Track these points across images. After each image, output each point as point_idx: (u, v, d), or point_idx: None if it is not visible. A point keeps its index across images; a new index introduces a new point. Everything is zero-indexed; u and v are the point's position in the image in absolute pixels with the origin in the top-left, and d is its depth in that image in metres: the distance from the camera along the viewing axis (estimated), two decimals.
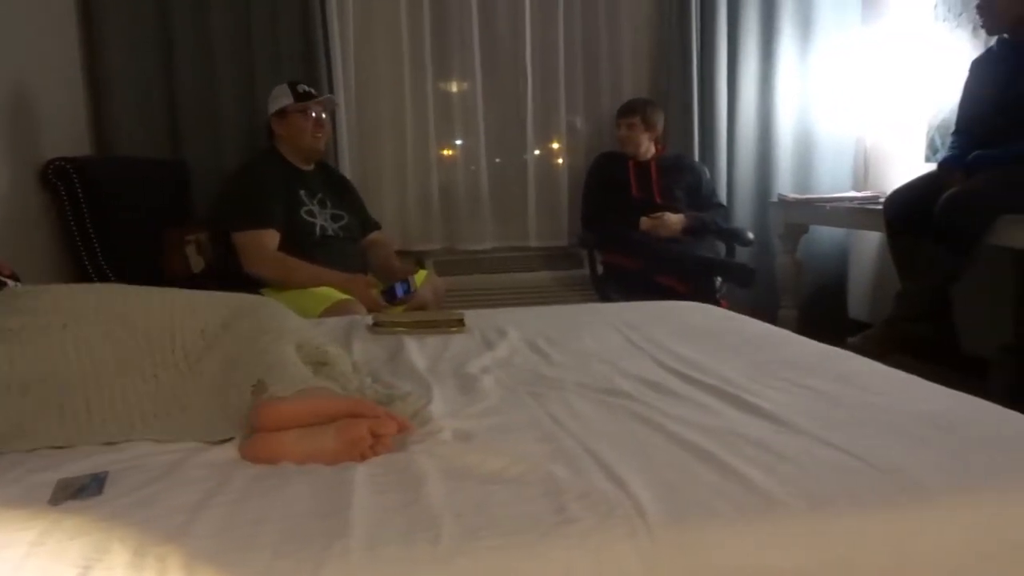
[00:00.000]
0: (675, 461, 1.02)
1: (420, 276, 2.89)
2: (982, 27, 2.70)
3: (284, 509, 0.90)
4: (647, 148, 3.37)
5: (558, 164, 3.71)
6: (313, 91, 2.81)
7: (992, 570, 0.86)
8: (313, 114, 2.75)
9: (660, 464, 1.01)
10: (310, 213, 2.71)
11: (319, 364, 1.35)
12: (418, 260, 3.43)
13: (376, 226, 3.01)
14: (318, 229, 2.70)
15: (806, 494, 0.90)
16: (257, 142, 3.07)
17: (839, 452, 1.02)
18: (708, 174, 3.48)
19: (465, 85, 3.61)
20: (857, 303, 3.77)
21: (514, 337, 1.80)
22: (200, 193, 3.19)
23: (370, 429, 1.04)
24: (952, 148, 2.74)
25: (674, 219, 3.23)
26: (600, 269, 3.36)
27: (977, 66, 2.72)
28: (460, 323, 1.91)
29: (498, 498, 0.92)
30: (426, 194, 3.57)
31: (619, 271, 3.28)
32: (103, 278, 2.61)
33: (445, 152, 3.66)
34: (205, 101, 3.21)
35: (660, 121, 3.39)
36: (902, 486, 0.92)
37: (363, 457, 1.03)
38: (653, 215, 3.24)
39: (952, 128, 2.84)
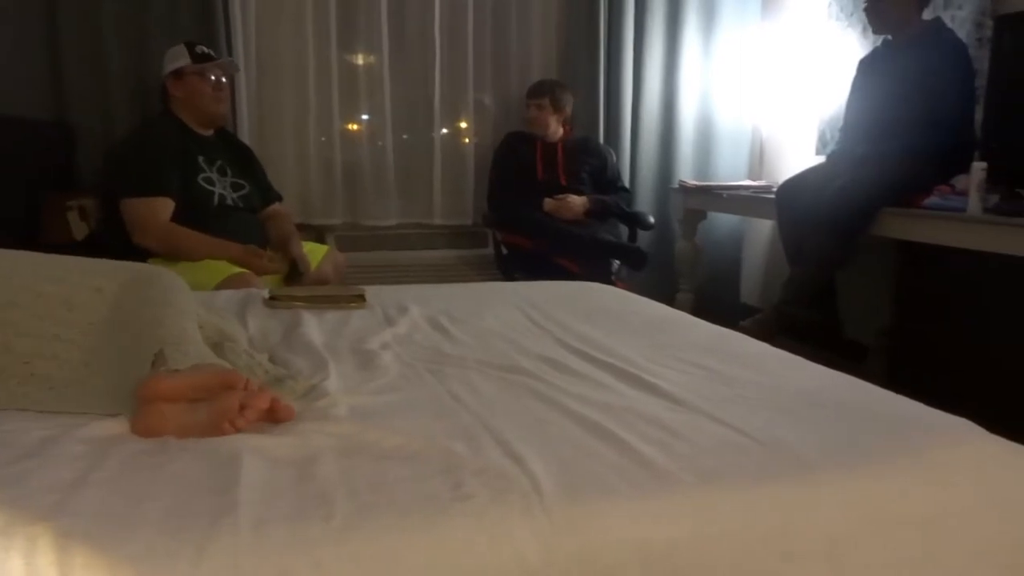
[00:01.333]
0: (572, 438, 1.03)
1: (321, 251, 2.83)
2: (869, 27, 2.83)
3: (168, 486, 0.86)
4: (555, 130, 3.39)
5: (465, 142, 3.69)
6: (212, 53, 2.68)
7: (867, 541, 0.91)
8: (212, 77, 2.63)
9: (557, 441, 1.02)
10: (208, 181, 2.60)
11: (217, 343, 1.30)
12: (319, 235, 3.35)
13: (277, 198, 2.92)
14: (216, 198, 2.59)
15: (697, 469, 0.93)
16: (150, 105, 2.91)
17: (729, 429, 1.06)
18: (614, 158, 3.53)
19: (372, 59, 3.52)
20: (749, 288, 3.92)
21: (415, 314, 1.78)
22: (86, 157, 3.00)
23: (240, 402, 1.01)
24: (840, 142, 2.87)
25: (577, 201, 3.27)
26: (503, 249, 3.37)
27: (863, 65, 2.86)
28: (360, 299, 1.88)
29: (394, 475, 0.90)
30: (329, 168, 3.48)
31: (522, 251, 3.30)
32: None
33: (350, 126, 3.57)
34: (91, 59, 3.02)
35: (569, 104, 3.42)
36: (786, 461, 0.96)
37: (224, 430, 0.99)
38: (557, 196, 3.27)
39: (841, 123, 2.98)
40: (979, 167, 2.24)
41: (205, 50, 2.66)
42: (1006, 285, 2.24)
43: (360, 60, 3.55)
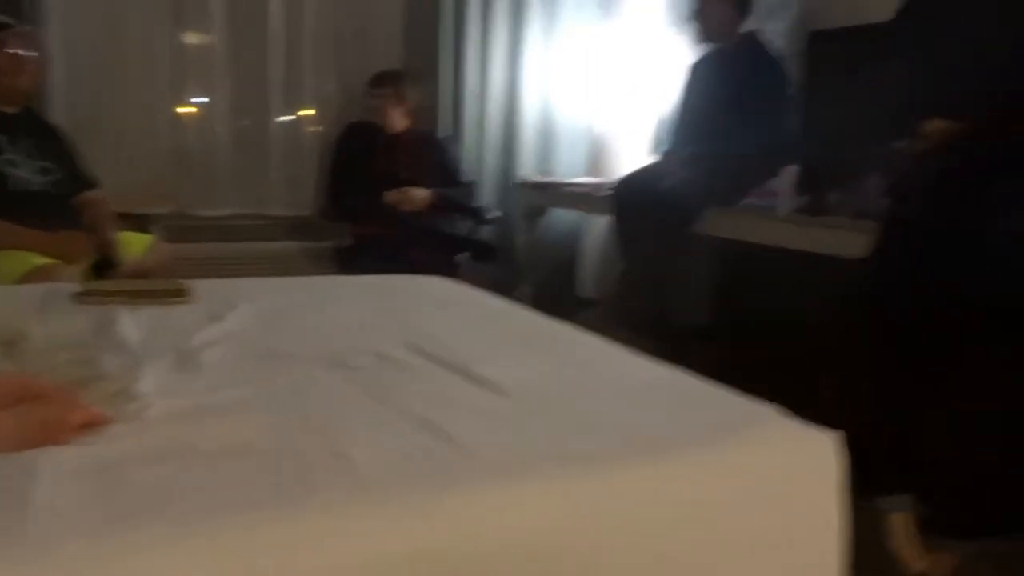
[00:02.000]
0: (402, 433, 1.02)
1: (143, 241, 2.65)
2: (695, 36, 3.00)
3: None
4: (398, 121, 3.35)
5: (306, 131, 3.57)
6: (11, 21, 2.43)
7: (675, 524, 0.96)
8: (10, 50, 2.38)
9: (387, 437, 1.00)
10: (10, 163, 2.37)
11: (9, 343, 1.18)
12: (142, 225, 3.13)
13: (91, 184, 2.69)
14: (18, 183, 2.36)
15: (524, 459, 0.95)
16: None
17: (559, 420, 1.08)
18: (457, 152, 3.54)
19: (207, 39, 3.33)
20: (586, 281, 4.05)
21: (246, 309, 1.70)
22: None
23: (51, 416, 0.92)
24: (672, 143, 3.02)
25: (420, 194, 3.25)
26: (345, 241, 3.29)
27: (693, 70, 3.02)
28: (183, 292, 1.77)
29: (217, 478, 0.86)
30: (155, 153, 3.26)
31: (364, 244, 3.24)
32: None
33: (180, 109, 3.36)
34: None
35: (413, 95, 3.38)
36: (601, 448, 1.00)
37: (36, 446, 0.90)
38: (399, 189, 3.23)
39: (674, 124, 3.13)
40: (790, 170, 2.42)
41: (3, 19, 2.41)
42: (815, 279, 2.44)
43: (194, 40, 3.35)
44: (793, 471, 1.08)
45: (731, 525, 1.01)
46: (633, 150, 3.79)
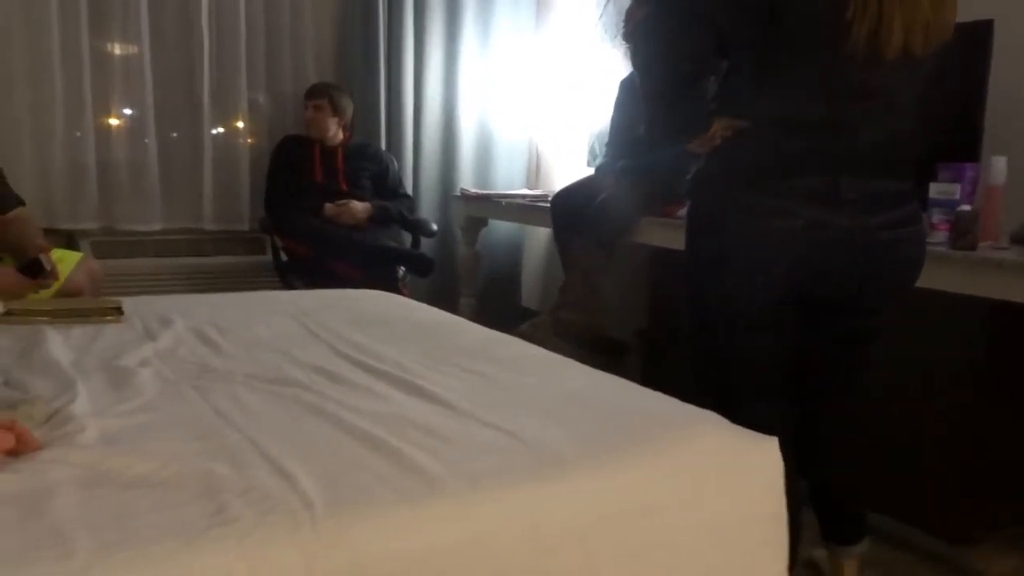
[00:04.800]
0: (343, 449, 1.02)
1: (73, 258, 2.56)
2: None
3: None
4: (335, 133, 3.33)
5: (239, 144, 3.51)
6: None
7: (614, 529, 0.98)
8: None
9: (328, 454, 1.00)
10: None
11: None
12: (70, 241, 3.03)
13: (18, 202, 2.59)
14: None
15: (462, 473, 0.95)
16: None
17: (495, 431, 1.10)
18: (395, 164, 3.53)
19: (131, 49, 3.25)
20: (529, 292, 4.09)
21: (180, 326, 1.67)
22: None
23: None
24: (606, 156, 3.08)
25: (359, 207, 3.24)
26: (282, 255, 3.25)
27: (624, 85, 3.09)
28: (116, 311, 1.73)
29: (145, 504, 0.84)
30: (79, 167, 3.16)
31: (301, 258, 3.20)
32: None
33: (106, 121, 3.27)
34: None
35: (348, 107, 3.37)
36: (544, 459, 1.02)
37: None
38: (338, 202, 3.21)
39: (607, 138, 3.19)
40: None
41: None
42: None
43: (116, 50, 3.26)
44: (732, 474, 1.11)
45: (672, 529, 1.03)
46: (569, 163, 3.84)
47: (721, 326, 1.45)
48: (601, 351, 2.80)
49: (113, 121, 3.29)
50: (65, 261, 2.49)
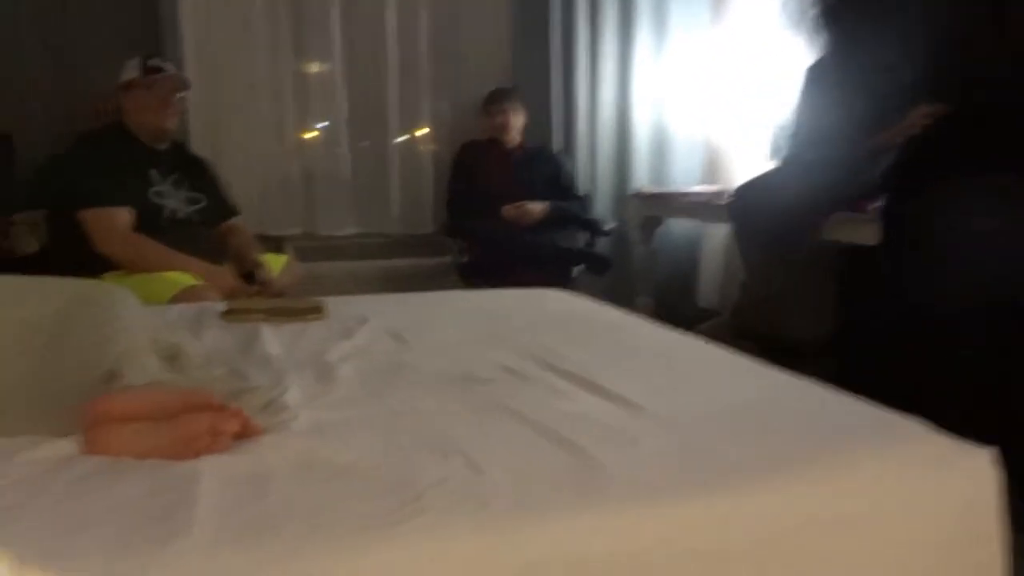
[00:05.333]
0: (531, 447, 1.04)
1: (280, 262, 2.80)
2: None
3: (117, 509, 0.85)
4: (513, 136, 3.41)
5: (423, 150, 3.68)
6: (164, 66, 2.65)
7: (798, 547, 0.93)
8: (161, 92, 2.59)
9: (516, 451, 1.02)
10: (159, 195, 2.56)
11: (171, 358, 1.28)
12: (277, 246, 3.31)
13: (236, 211, 2.88)
14: (166, 212, 2.56)
15: (646, 479, 0.94)
16: (80, 118, 2.85)
17: (681, 435, 1.07)
18: (569, 165, 3.56)
19: (325, 67, 3.51)
20: (707, 293, 3.98)
21: (374, 325, 1.77)
22: (22, 173, 2.92)
23: (210, 425, 0.99)
24: (791, 148, 2.93)
25: (536, 207, 3.29)
26: (463, 257, 3.37)
27: (811, 73, 2.93)
28: (319, 310, 1.86)
29: (348, 492, 0.90)
30: (284, 177, 3.45)
31: (482, 260, 3.30)
32: None
33: (304, 135, 3.55)
34: (27, 74, 2.93)
35: (526, 111, 3.44)
36: (728, 469, 0.98)
37: (198, 454, 0.97)
38: (515, 204, 3.28)
39: (792, 130, 3.04)
40: None
41: (157, 63, 2.62)
42: None
43: (314, 68, 3.53)
44: (943, 489, 1.02)
45: (863, 549, 0.97)
46: (750, 157, 3.70)
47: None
48: (785, 355, 2.67)
49: (311, 134, 3.56)
50: (273, 264, 2.73)
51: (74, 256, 2.40)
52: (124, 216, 2.44)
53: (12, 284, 1.24)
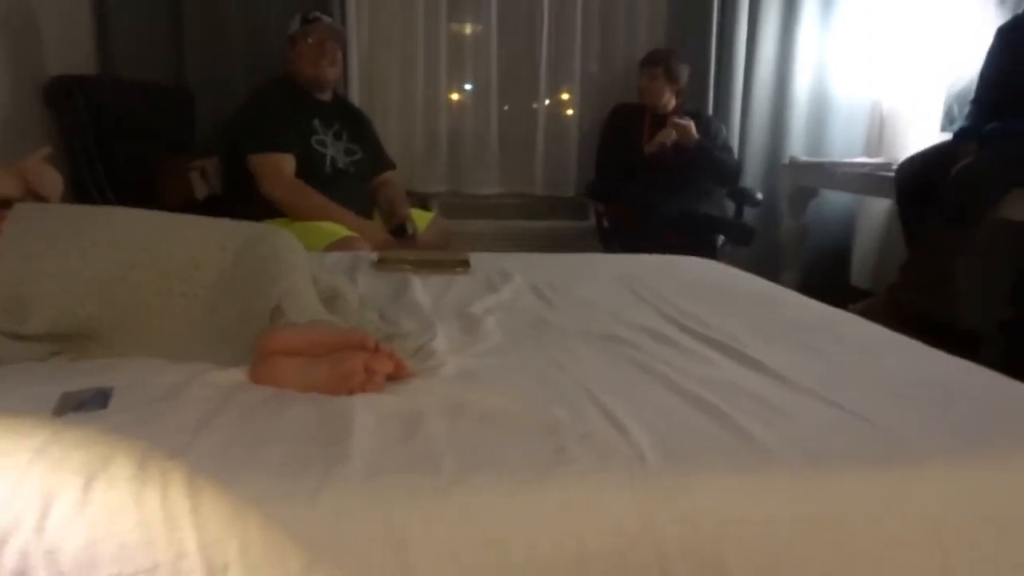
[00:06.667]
0: (675, 410, 1.03)
1: (425, 218, 2.88)
2: None
3: (285, 433, 0.91)
4: (667, 101, 3.31)
5: (569, 113, 3.66)
6: (321, 17, 2.76)
7: (975, 534, 0.87)
8: (317, 41, 2.69)
9: (660, 411, 1.01)
10: (321, 143, 2.69)
11: (330, 299, 1.35)
12: (423, 202, 3.41)
13: (391, 165, 2.98)
14: (328, 161, 2.68)
15: (800, 448, 0.91)
16: (262, 71, 3.02)
17: (835, 409, 1.03)
18: (724, 131, 3.43)
19: (480, 28, 3.54)
20: (860, 271, 3.76)
21: (518, 281, 1.80)
22: (203, 120, 3.14)
23: (365, 364, 1.03)
24: (968, 118, 2.70)
25: (691, 125, 3.17)
26: (604, 222, 3.34)
27: (1003, 34, 2.67)
28: (465, 264, 1.91)
29: (498, 436, 0.92)
30: (434, 136, 3.53)
31: (623, 224, 3.26)
32: (105, 200, 2.59)
33: (455, 95, 3.61)
34: (211, 25, 3.14)
35: (683, 74, 3.31)
36: (893, 445, 0.93)
37: (351, 392, 1.02)
38: (673, 120, 3.17)
39: (971, 97, 2.80)
40: None
41: (315, 14, 2.74)
42: None
43: (468, 29, 3.58)
44: None
45: None
46: (921, 128, 3.44)
47: None
48: (949, 341, 2.50)
49: (461, 95, 3.61)
50: (420, 220, 2.81)
51: (245, 200, 2.57)
52: (288, 162, 2.58)
53: (202, 222, 1.34)
